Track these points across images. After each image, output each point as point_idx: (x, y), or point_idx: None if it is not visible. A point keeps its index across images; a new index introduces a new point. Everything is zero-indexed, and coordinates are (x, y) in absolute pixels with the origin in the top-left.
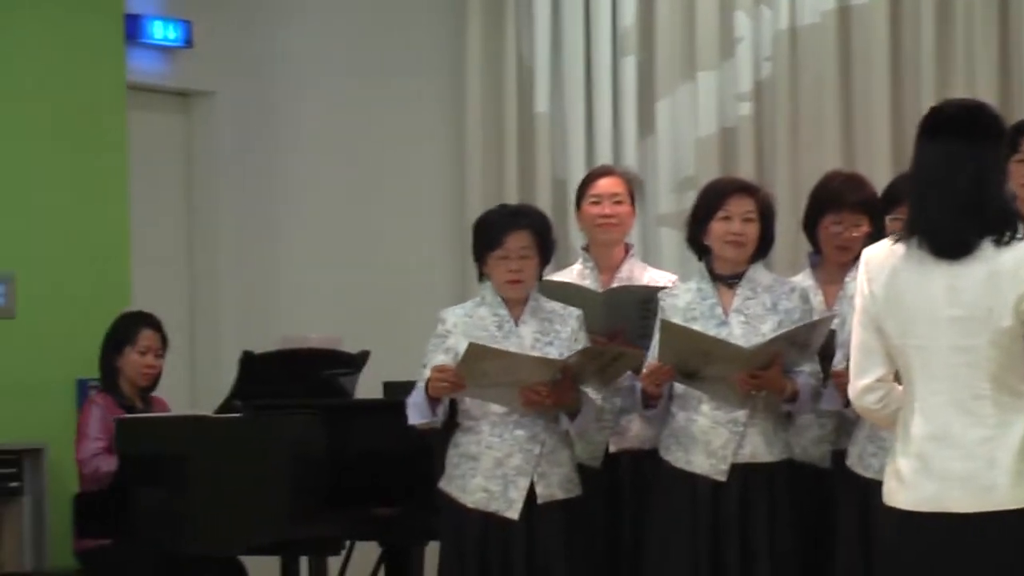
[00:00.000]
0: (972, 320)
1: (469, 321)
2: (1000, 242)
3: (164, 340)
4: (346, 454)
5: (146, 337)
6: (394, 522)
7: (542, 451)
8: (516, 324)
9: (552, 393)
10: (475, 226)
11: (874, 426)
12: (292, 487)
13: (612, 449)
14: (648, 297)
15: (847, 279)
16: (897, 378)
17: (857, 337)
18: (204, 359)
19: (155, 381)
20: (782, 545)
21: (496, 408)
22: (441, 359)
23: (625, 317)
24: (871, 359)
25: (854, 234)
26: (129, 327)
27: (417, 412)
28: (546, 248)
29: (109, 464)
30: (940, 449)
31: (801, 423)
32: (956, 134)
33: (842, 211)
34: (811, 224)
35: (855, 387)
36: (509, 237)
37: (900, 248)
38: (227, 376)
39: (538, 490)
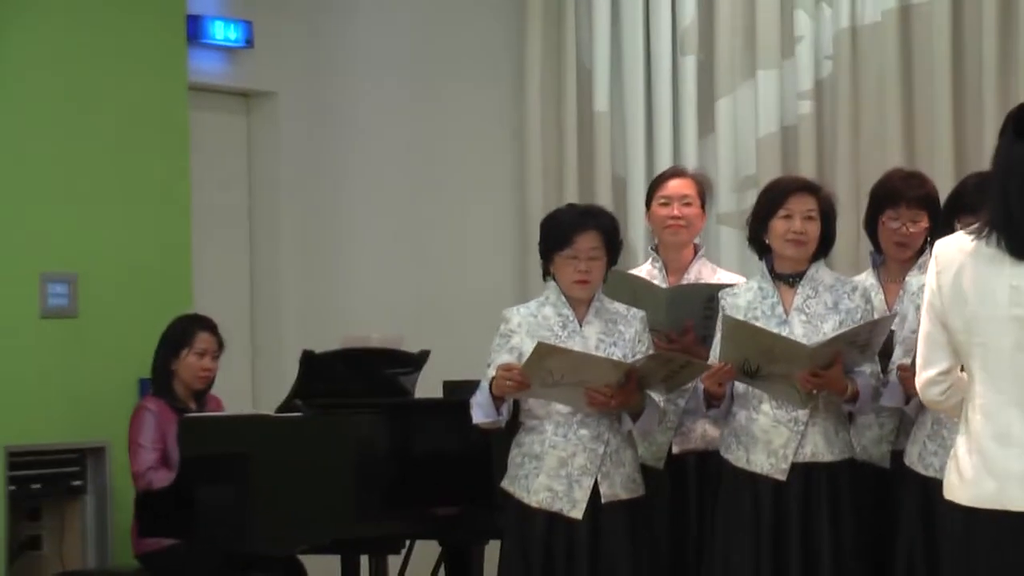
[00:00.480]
0: None
1: (533, 321)
2: None
3: (220, 343)
4: (407, 453)
5: (203, 339)
6: (455, 521)
7: (606, 451)
8: (580, 324)
9: (617, 394)
10: (544, 224)
11: (935, 424)
12: (353, 486)
13: (676, 450)
14: (712, 295)
15: (908, 277)
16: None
17: (924, 328)
18: (265, 359)
19: (209, 385)
20: (844, 544)
21: (560, 408)
22: (506, 359)
23: (689, 315)
24: (936, 352)
25: (912, 230)
26: (186, 329)
27: (481, 411)
28: (614, 249)
29: (161, 480)
30: (1001, 448)
31: (861, 423)
32: None
33: (900, 206)
34: (871, 222)
35: (920, 379)
36: (579, 237)
37: (971, 243)
38: (288, 376)
39: (602, 490)
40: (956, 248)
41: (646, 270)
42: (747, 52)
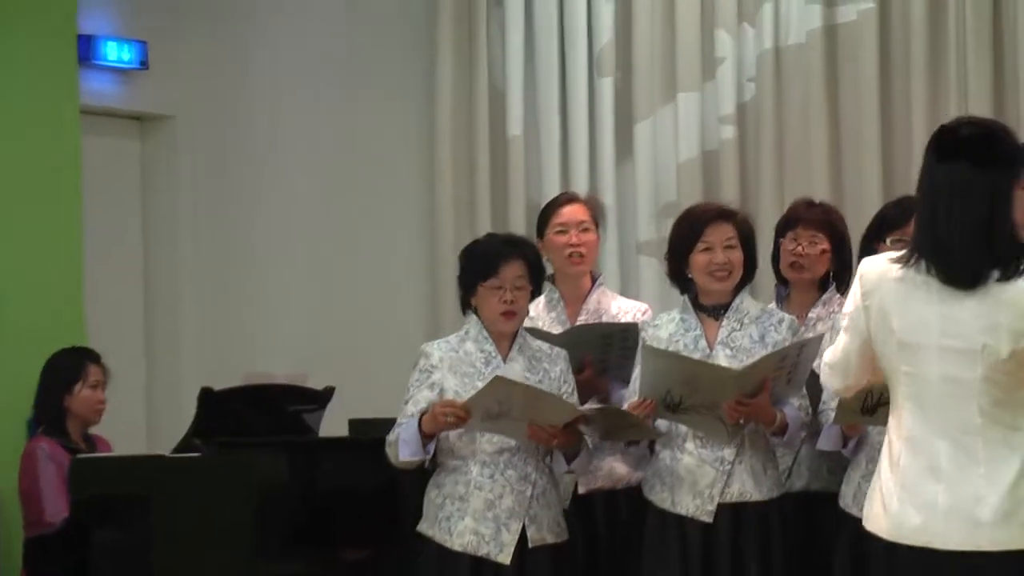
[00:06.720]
0: (967, 352)
1: (455, 356)
2: (1005, 276)
3: (106, 373)
4: (311, 493)
5: (94, 371)
6: (362, 564)
7: (533, 492)
8: (504, 361)
9: (560, 435)
10: (466, 254)
11: (870, 463)
12: (256, 527)
13: (582, 490)
14: (608, 332)
15: (811, 314)
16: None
17: (847, 344)
18: (161, 396)
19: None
20: None
21: (485, 447)
22: (426, 395)
23: (587, 353)
24: (851, 367)
25: (808, 251)
26: (76, 363)
27: (408, 449)
28: (537, 280)
29: None
30: (927, 482)
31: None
32: (970, 158)
33: (797, 227)
34: (775, 252)
35: (837, 391)
36: (505, 267)
37: (899, 271)
38: (186, 414)
39: (529, 533)
40: (882, 272)
41: (542, 302)
42: (667, 74)
